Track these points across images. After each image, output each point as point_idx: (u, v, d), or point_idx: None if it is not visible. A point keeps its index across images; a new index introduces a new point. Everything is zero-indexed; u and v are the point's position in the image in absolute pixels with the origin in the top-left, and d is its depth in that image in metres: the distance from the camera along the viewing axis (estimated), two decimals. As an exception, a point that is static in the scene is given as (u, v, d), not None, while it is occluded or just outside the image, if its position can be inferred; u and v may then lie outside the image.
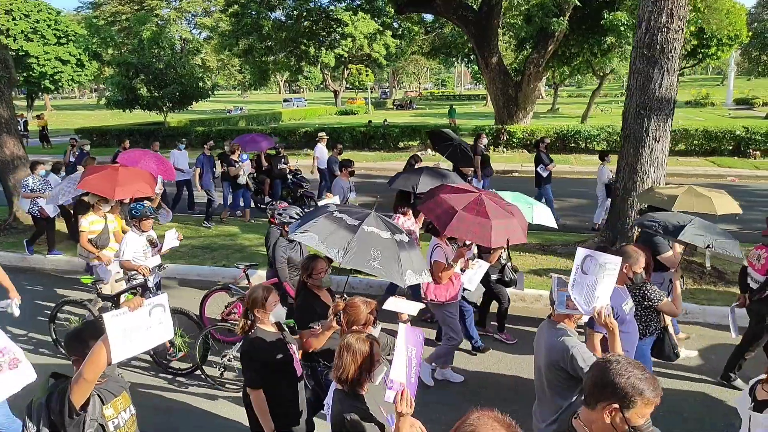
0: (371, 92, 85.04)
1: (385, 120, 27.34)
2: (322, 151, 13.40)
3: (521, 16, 22.23)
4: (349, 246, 3.66)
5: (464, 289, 5.53)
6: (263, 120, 39.78)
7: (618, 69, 20.89)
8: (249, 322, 3.47)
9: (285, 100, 63.52)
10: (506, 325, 6.47)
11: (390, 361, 2.83)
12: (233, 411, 5.02)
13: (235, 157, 11.57)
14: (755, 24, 50.87)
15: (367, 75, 61.91)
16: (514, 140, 21.35)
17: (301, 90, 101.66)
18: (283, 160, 12.63)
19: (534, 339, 3.41)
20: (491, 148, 22.34)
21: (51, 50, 42.40)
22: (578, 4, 18.25)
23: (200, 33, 59.24)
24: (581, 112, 43.69)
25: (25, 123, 26.76)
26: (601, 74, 27.53)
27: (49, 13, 44.02)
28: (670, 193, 6.11)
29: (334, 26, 25.08)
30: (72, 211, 9.38)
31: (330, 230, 3.81)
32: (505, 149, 21.60)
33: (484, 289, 6.06)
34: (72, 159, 13.49)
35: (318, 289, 4.24)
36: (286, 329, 3.65)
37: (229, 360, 5.47)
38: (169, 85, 23.52)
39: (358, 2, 24.80)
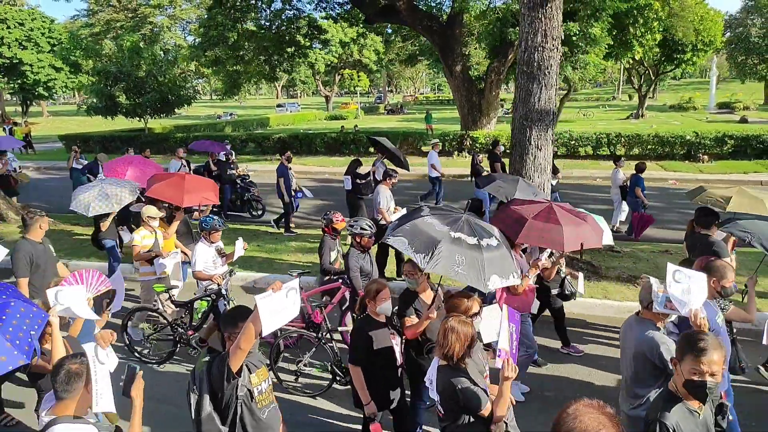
0: (367, 97, 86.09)
1: (356, 126, 28.14)
2: (436, 158, 13.70)
3: (491, 25, 22.98)
4: (435, 252, 3.76)
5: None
6: (250, 125, 40.72)
7: (572, 77, 21.47)
8: (361, 308, 4.16)
9: (278, 105, 64.53)
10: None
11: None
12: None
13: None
14: (740, 29, 51.48)
15: (359, 80, 62.81)
16: (477, 146, 22.08)
17: (299, 95, 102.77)
18: (232, 165, 13.42)
19: (620, 333, 3.77)
20: (455, 153, 23.21)
21: (45, 58, 43.54)
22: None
23: (195, 40, 60.21)
24: (566, 116, 44.50)
25: (11, 130, 27.73)
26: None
27: (44, 22, 45.24)
28: (722, 194, 6.25)
29: (315, 33, 25.79)
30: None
31: (418, 235, 3.97)
32: (468, 154, 22.32)
33: (539, 303, 5.92)
34: (76, 165, 14.19)
35: (418, 289, 4.52)
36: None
37: (304, 365, 5.68)
38: (148, 93, 24.42)
39: (338, 11, 25.55)
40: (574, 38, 19.09)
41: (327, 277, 6.41)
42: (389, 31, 34.66)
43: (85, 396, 2.79)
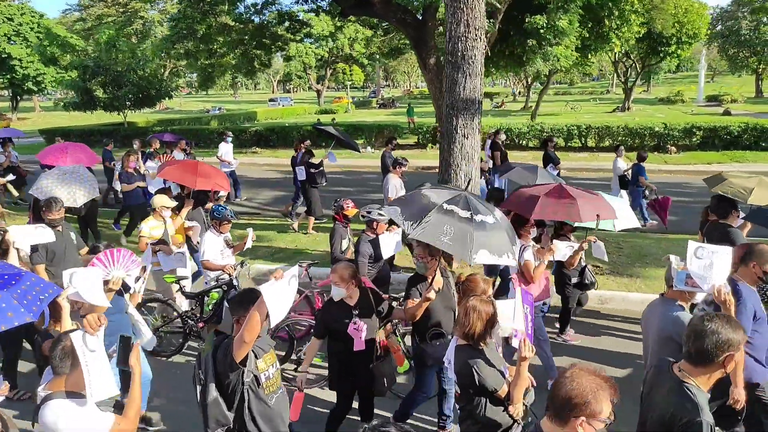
0: (363, 91, 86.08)
1: (333, 119, 28.22)
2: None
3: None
4: (423, 220, 3.75)
5: None
6: (237, 119, 40.85)
7: (543, 69, 21.55)
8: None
9: (271, 100, 64.60)
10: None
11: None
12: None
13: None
14: (730, 21, 51.36)
15: (351, 74, 62.82)
16: (451, 138, 22.19)
17: (295, 89, 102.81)
18: (188, 157, 13.60)
19: (643, 317, 3.69)
20: (429, 145, 23.29)
21: (33, 52, 43.64)
22: (498, 5, 18.99)
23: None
24: (556, 109, 44.56)
25: (-9, 124, 27.96)
26: (524, 75, 27.92)
27: (33, 16, 45.37)
28: (744, 184, 6.15)
29: (297, 27, 25.87)
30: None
31: (411, 204, 4.02)
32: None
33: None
34: None
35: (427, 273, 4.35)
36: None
37: (305, 354, 5.68)
38: (126, 87, 24.59)
39: (320, 3, 25.63)
40: (541, 31, 19.12)
41: None
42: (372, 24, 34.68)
43: (80, 372, 2.68)
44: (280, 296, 2.89)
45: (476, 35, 8.33)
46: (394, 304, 4.71)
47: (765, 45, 48.26)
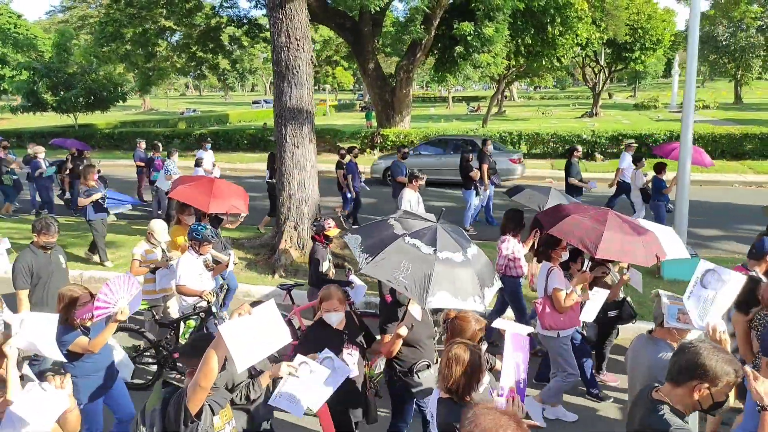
0: (351, 93, 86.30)
1: (264, 123, 28.18)
2: (628, 161, 11.67)
3: (398, 25, 23.16)
4: (380, 254, 3.44)
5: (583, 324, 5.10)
6: (207, 122, 41.10)
7: (472, 75, 21.65)
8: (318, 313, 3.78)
9: (254, 102, 64.86)
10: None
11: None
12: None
13: None
14: (708, 27, 51.14)
15: (333, 77, 62.99)
16: (388, 143, 22.31)
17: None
18: (86, 161, 13.77)
19: (628, 353, 3.43)
20: (367, 150, 23.38)
21: (10, 53, 44.04)
22: (427, 11, 19.16)
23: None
24: (528, 114, 44.59)
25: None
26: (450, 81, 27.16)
27: (10, 17, 45.82)
28: None
29: (257, 31, 26.11)
30: None
31: (373, 235, 3.68)
32: (380, 151, 22.57)
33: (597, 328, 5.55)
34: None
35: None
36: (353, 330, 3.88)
37: None
38: (74, 89, 24.82)
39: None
40: (469, 38, 19.25)
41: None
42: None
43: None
44: (248, 335, 2.41)
45: (298, 45, 8.47)
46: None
47: (743, 51, 48.15)
